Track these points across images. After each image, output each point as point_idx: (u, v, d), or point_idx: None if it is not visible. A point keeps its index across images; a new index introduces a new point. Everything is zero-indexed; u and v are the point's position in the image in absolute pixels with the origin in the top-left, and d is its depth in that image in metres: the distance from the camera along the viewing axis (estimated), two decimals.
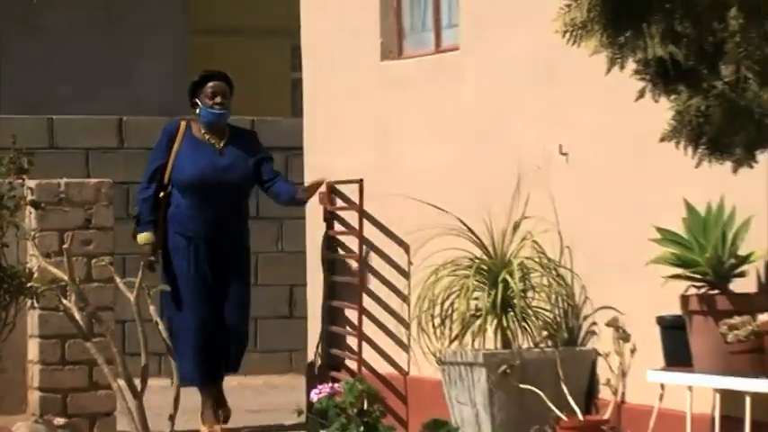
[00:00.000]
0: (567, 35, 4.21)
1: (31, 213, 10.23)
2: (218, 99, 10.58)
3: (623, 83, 4.43)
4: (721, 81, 4.26)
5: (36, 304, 9.57)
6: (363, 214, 10.86)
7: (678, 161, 4.59)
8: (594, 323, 9.40)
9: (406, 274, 10.64)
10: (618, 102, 4.64)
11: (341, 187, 11.02)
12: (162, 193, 10.62)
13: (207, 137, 10.67)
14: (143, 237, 10.52)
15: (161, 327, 7.03)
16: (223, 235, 10.65)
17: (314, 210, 11.43)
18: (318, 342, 11.46)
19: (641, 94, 4.42)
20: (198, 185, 10.54)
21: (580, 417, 9.03)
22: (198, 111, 10.70)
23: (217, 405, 10.60)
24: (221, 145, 10.67)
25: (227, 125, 10.82)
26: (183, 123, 10.76)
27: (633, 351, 8.86)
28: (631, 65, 4.34)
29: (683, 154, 4.45)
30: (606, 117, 8.67)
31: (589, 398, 9.32)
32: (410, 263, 10.57)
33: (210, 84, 10.64)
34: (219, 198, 10.56)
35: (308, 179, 11.33)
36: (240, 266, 10.86)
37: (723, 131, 4.29)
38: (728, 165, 4.39)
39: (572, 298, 9.51)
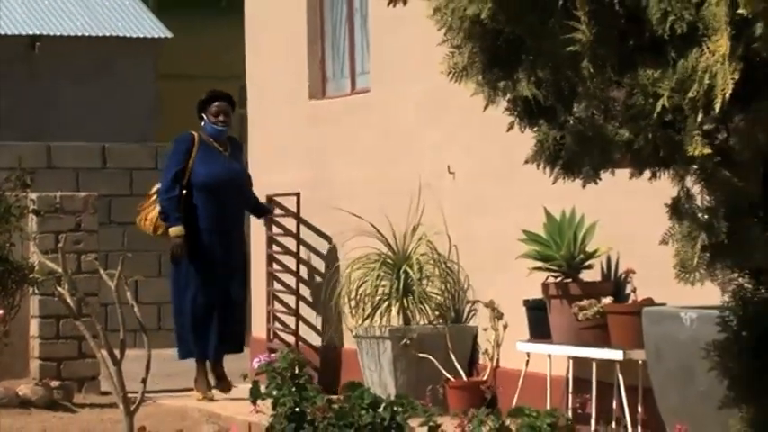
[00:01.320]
0: (452, 77, 4.17)
1: (32, 220, 10.24)
2: (221, 117, 10.02)
3: (497, 117, 4.42)
4: (573, 117, 4.25)
5: (36, 291, 9.68)
6: (300, 220, 10.87)
7: (539, 179, 4.57)
8: (475, 305, 9.42)
9: (330, 267, 10.66)
10: (493, 132, 4.65)
11: (281, 199, 11.00)
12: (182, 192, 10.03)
13: (216, 145, 10.08)
14: (175, 230, 9.92)
15: (135, 309, 6.95)
16: (234, 228, 10.13)
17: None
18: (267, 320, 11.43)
19: (511, 126, 4.40)
20: (215, 186, 9.91)
21: (464, 378, 9.04)
22: (203, 124, 10.13)
23: (218, 379, 10.06)
24: (228, 152, 10.12)
25: (228, 136, 10.31)
26: (195, 134, 10.15)
27: (505, 327, 8.88)
28: (503, 103, 4.31)
29: (543, 173, 4.44)
30: (484, 144, 8.70)
31: (471, 364, 9.33)
32: (336, 258, 10.60)
33: (216, 103, 10.06)
34: (231, 196, 9.99)
35: (255, 192, 11.33)
36: (243, 256, 10.33)
37: (575, 156, 4.28)
38: (578, 182, 4.37)
39: (458, 285, 9.53)
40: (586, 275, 8.21)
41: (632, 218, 7.53)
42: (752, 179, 3.91)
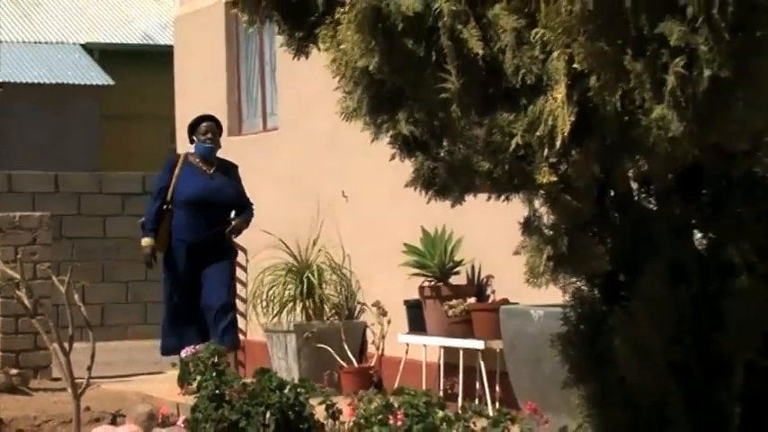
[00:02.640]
0: (344, 117, 4.18)
1: None
2: (209, 135, 9.23)
3: (383, 149, 4.43)
4: (444, 150, 4.27)
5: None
6: None
7: (417, 200, 4.59)
8: (364, 305, 9.43)
9: (246, 274, 10.62)
10: (380, 161, 4.66)
11: None
12: (165, 207, 9.22)
13: (200, 165, 9.22)
14: (145, 241, 9.22)
15: (82, 309, 6.85)
16: (212, 239, 9.12)
17: None
18: None
19: (393, 157, 4.41)
20: (194, 202, 9.10)
21: (356, 365, 9.05)
22: (194, 145, 9.34)
23: None
24: (211, 171, 9.23)
25: (216, 157, 9.33)
26: (181, 155, 9.47)
27: (389, 322, 8.89)
28: (387, 138, 4.32)
29: (420, 196, 4.46)
30: (373, 171, 8.72)
31: (361, 353, 9.34)
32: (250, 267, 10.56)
33: (204, 124, 9.31)
34: (210, 211, 9.08)
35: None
36: (225, 258, 9.23)
37: (445, 182, 4.30)
38: (449, 203, 4.40)
39: (350, 288, 9.54)
40: (454, 280, 8.27)
41: (491, 233, 7.59)
42: (587, 202, 3.95)
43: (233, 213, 9.29)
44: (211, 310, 9.07)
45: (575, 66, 3.41)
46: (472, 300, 8.03)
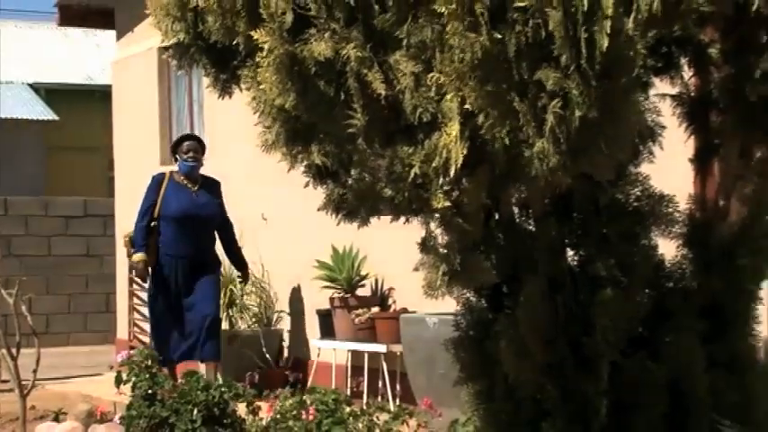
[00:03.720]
0: (264, 149, 4.16)
1: None
2: (191, 154, 8.54)
3: (298, 177, 4.42)
4: (351, 178, 4.27)
5: None
6: None
7: (328, 222, 4.59)
8: (281, 314, 9.38)
9: None
10: (296, 188, 4.65)
11: None
12: (153, 224, 8.57)
13: (185, 182, 8.57)
14: (137, 256, 8.55)
15: (29, 318, 6.73)
16: (199, 253, 8.50)
17: (121, 249, 11.24)
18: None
19: (307, 184, 4.40)
20: (181, 218, 8.45)
21: (274, 367, 9.00)
22: (177, 163, 8.69)
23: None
24: (196, 188, 8.56)
25: (200, 174, 8.66)
26: (167, 173, 8.75)
27: (303, 329, 8.86)
28: (301, 168, 4.31)
29: (331, 218, 4.45)
30: (289, 197, 8.69)
31: (279, 355, 9.30)
32: None
33: (186, 143, 8.62)
34: (196, 227, 8.44)
35: (119, 235, 11.08)
36: (211, 272, 8.56)
37: (353, 207, 4.30)
38: (356, 225, 4.40)
39: (269, 299, 9.49)
40: (360, 292, 8.27)
41: (393, 251, 7.61)
42: (476, 224, 3.97)
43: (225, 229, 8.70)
44: (198, 321, 8.39)
45: (466, 106, 3.43)
46: (376, 309, 8.04)
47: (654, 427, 4.30)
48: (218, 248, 8.68)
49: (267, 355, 9.03)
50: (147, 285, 8.87)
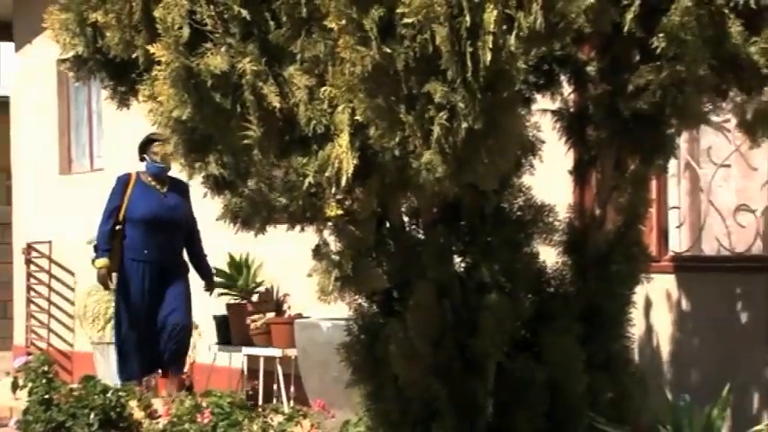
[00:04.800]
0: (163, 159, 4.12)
1: None
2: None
3: (197, 187, 4.39)
4: (248, 188, 4.25)
5: None
6: (51, 260, 10.56)
7: (226, 231, 4.56)
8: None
9: (74, 294, 10.34)
10: (194, 197, 4.62)
11: (38, 245, 10.65)
12: (117, 227, 7.86)
13: (153, 184, 7.85)
14: (100, 262, 7.82)
15: None
16: (167, 258, 7.85)
17: (18, 256, 11.08)
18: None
19: (206, 195, 4.37)
20: (149, 220, 7.73)
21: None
22: (145, 164, 7.89)
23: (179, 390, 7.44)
24: (165, 190, 7.83)
25: (168, 176, 7.78)
26: (133, 174, 7.96)
27: (200, 334, 8.76)
28: (200, 178, 4.28)
29: (229, 227, 4.42)
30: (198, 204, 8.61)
31: None
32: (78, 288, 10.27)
33: (156, 143, 7.40)
34: (165, 230, 7.73)
35: (16, 240, 10.87)
36: (181, 278, 7.92)
37: (249, 216, 4.29)
38: (252, 233, 4.38)
39: None
40: (256, 298, 8.22)
41: (288, 258, 7.58)
42: (367, 232, 3.99)
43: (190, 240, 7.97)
44: (168, 328, 7.78)
45: (357, 118, 3.45)
46: (271, 314, 8.00)
47: (536, 424, 4.36)
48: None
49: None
50: (110, 292, 8.20)
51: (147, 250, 7.84)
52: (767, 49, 3.81)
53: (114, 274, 7.92)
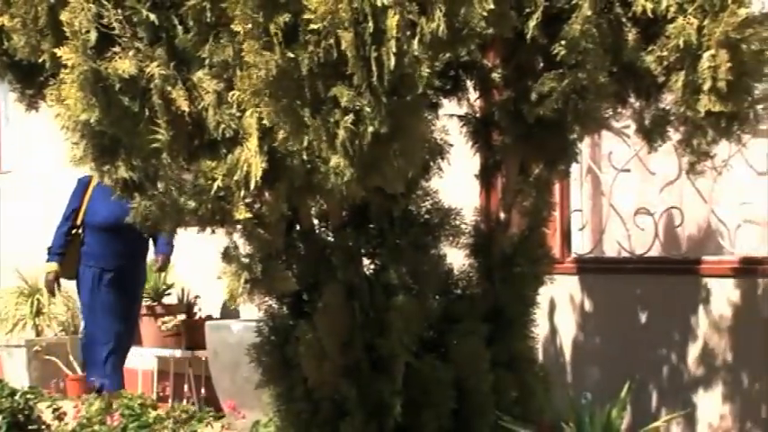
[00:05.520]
0: (73, 163, 4.07)
1: None
2: None
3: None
4: (157, 191, 4.21)
5: None
6: None
7: None
8: None
9: None
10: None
11: None
12: (74, 231, 7.40)
13: None
14: (48, 266, 7.37)
15: None
16: (127, 267, 7.40)
17: None
18: None
19: (120, 197, 4.32)
20: (108, 225, 7.12)
21: (79, 373, 8.79)
22: None
23: None
24: None
25: None
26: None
27: None
28: (109, 181, 4.22)
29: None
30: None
31: (85, 363, 9.07)
32: None
33: None
34: (124, 236, 6.88)
35: None
36: (135, 287, 7.53)
37: (158, 219, 4.25)
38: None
39: (77, 307, 9.28)
40: (167, 300, 8.15)
41: (198, 260, 7.51)
42: (277, 235, 3.97)
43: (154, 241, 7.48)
44: (108, 342, 7.41)
45: (264, 122, 3.44)
46: (182, 316, 7.93)
47: (443, 423, 4.39)
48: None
49: (74, 363, 8.79)
50: (54, 299, 7.79)
51: (105, 258, 7.37)
52: (663, 57, 3.88)
53: (64, 281, 7.55)
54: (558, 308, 6.14)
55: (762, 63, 3.84)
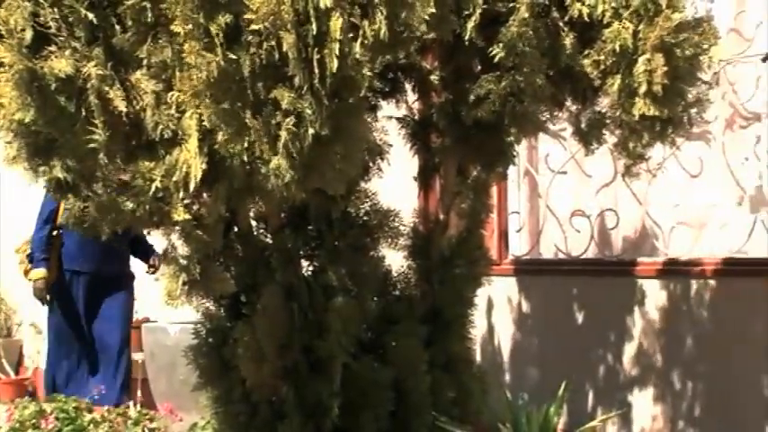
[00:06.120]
0: (6, 163, 4.02)
1: None
2: None
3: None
4: (94, 192, 4.17)
5: None
6: None
7: None
8: (21, 325, 9.05)
9: None
10: (38, 204, 4.48)
11: None
12: (55, 233, 6.83)
13: None
14: (36, 273, 6.80)
15: None
16: (107, 269, 6.90)
17: None
18: None
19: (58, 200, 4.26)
20: None
21: (13, 377, 8.67)
22: None
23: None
24: None
25: None
26: None
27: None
28: (43, 182, 4.17)
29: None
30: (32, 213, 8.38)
31: (19, 366, 8.96)
32: None
33: None
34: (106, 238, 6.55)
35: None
36: (121, 290, 6.98)
37: (96, 220, 4.20)
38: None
39: (9, 311, 9.16)
40: None
41: (136, 262, 7.43)
42: (215, 236, 3.95)
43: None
44: (108, 350, 6.88)
45: (204, 123, 3.43)
46: None
47: (381, 424, 4.41)
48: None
49: (6, 366, 8.68)
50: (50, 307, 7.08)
51: (83, 260, 6.90)
52: (599, 61, 3.93)
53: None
54: (496, 309, 6.19)
55: (695, 67, 3.91)
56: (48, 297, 6.88)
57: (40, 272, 6.80)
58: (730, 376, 5.20)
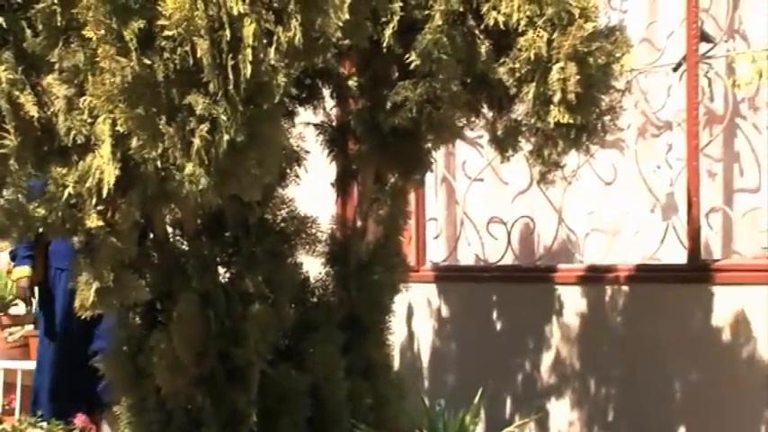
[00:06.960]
0: None
1: None
2: None
3: None
4: (3, 198, 4.10)
5: None
6: None
7: None
8: None
9: None
10: None
11: None
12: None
13: None
14: (19, 271, 6.35)
15: None
16: None
17: None
18: None
19: None
20: None
21: None
22: None
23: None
24: None
25: None
26: None
27: None
28: None
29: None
30: None
31: None
32: None
33: None
34: None
35: None
36: None
37: (5, 227, 4.12)
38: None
39: None
40: (14, 310, 7.96)
41: None
42: (130, 243, 3.92)
43: None
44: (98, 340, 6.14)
45: (118, 128, 3.40)
46: (30, 327, 7.75)
47: (299, 430, 4.41)
48: None
49: None
50: (32, 308, 6.70)
51: (70, 257, 6.31)
52: (514, 69, 3.99)
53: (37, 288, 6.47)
54: (415, 315, 6.22)
55: (608, 75, 3.98)
56: (32, 297, 6.53)
57: (24, 270, 6.41)
58: (641, 381, 5.29)
